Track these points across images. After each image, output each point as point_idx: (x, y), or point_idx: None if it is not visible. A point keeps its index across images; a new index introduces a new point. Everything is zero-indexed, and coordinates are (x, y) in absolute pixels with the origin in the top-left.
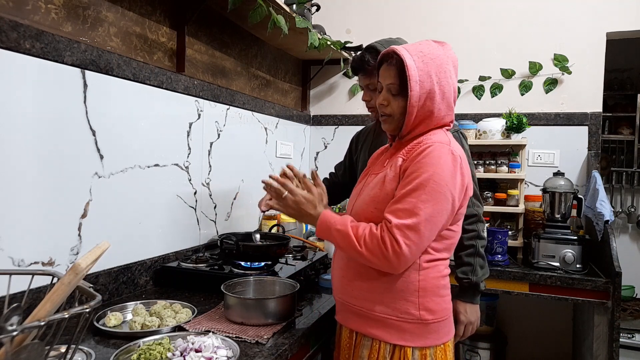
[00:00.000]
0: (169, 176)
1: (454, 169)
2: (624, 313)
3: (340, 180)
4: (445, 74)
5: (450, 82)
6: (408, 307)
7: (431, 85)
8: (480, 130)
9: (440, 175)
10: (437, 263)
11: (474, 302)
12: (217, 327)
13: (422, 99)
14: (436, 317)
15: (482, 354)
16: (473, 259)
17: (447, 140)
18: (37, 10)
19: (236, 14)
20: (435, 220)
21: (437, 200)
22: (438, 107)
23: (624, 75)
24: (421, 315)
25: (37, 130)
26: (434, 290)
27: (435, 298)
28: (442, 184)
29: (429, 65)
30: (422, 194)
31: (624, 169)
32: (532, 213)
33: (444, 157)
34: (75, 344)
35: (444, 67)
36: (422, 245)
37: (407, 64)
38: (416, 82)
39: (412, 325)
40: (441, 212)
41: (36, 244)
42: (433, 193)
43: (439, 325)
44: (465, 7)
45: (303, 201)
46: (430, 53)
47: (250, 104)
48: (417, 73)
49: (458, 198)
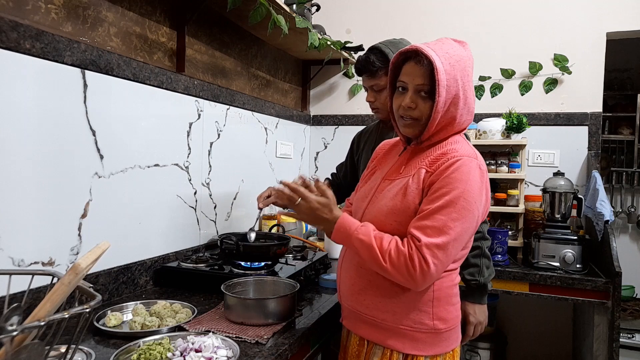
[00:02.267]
0: (169, 176)
1: (481, 185)
2: (624, 313)
3: (342, 181)
4: (468, 78)
5: (472, 86)
6: (422, 318)
7: (457, 90)
8: (480, 130)
9: (470, 193)
10: (450, 272)
11: (482, 303)
12: (217, 327)
13: (447, 104)
14: (448, 326)
15: (482, 354)
16: (479, 260)
17: (473, 153)
18: (37, 10)
19: (236, 14)
20: (462, 239)
21: (465, 219)
22: (461, 112)
23: (624, 75)
24: (435, 325)
25: (37, 130)
26: (447, 299)
27: (448, 307)
28: (471, 201)
29: (455, 68)
30: (453, 212)
31: (624, 169)
32: (532, 213)
33: (473, 173)
34: (75, 344)
35: (467, 71)
36: (447, 264)
37: (437, 68)
38: (444, 87)
39: (425, 335)
40: (468, 230)
41: (36, 244)
42: (463, 211)
43: (450, 333)
44: (466, 7)
45: (318, 206)
46: (456, 55)
47: (250, 104)
48: (445, 77)
49: (483, 214)
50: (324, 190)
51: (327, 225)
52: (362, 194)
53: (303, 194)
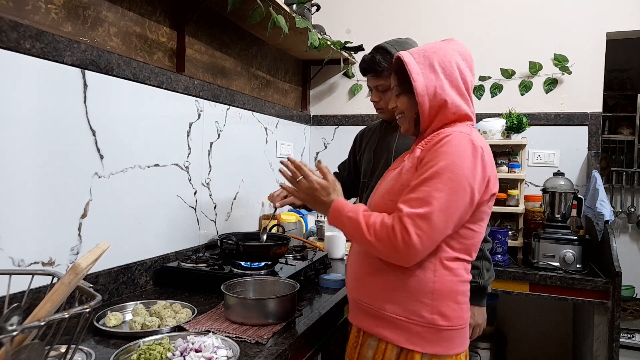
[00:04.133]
0: (169, 176)
1: (474, 159)
2: (624, 313)
3: (346, 179)
4: (450, 64)
5: (457, 72)
6: (420, 309)
7: (436, 75)
8: (480, 130)
9: (458, 164)
10: (456, 265)
11: (481, 305)
12: (217, 327)
13: (429, 88)
14: (450, 324)
15: (482, 354)
16: (480, 262)
17: (468, 130)
18: (37, 10)
19: (236, 14)
20: (450, 212)
21: (453, 191)
22: (450, 95)
23: (624, 75)
24: (433, 319)
25: (37, 130)
26: (451, 295)
27: (451, 303)
28: (459, 173)
29: (431, 57)
30: (438, 183)
31: (624, 169)
32: (532, 213)
33: (463, 146)
34: (75, 344)
35: (448, 58)
36: (434, 237)
37: (405, 60)
38: (418, 73)
39: (423, 329)
40: (457, 203)
41: (36, 244)
42: (449, 183)
43: (453, 334)
44: (466, 8)
45: (317, 187)
46: (432, 47)
47: (250, 104)
48: (418, 66)
49: (478, 191)
50: (326, 173)
51: (323, 207)
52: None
53: (306, 173)
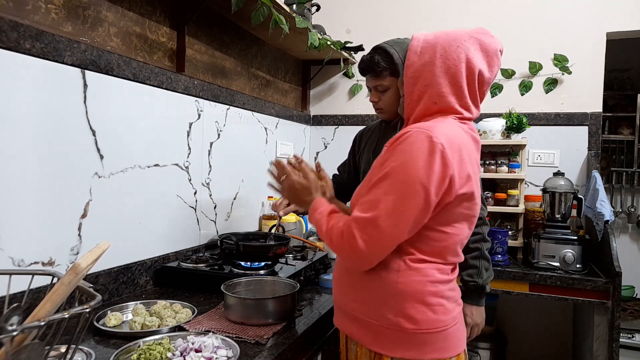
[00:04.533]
0: (169, 176)
1: (430, 157)
2: (624, 313)
3: (346, 180)
4: (456, 52)
5: (461, 61)
6: (385, 311)
7: (432, 57)
8: (480, 130)
9: (410, 164)
10: (424, 266)
11: (480, 304)
12: (217, 327)
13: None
14: (419, 328)
15: (482, 354)
16: (478, 261)
17: (430, 126)
18: (37, 10)
19: (236, 14)
20: (399, 216)
21: (403, 193)
22: (437, 82)
23: (624, 75)
24: (399, 322)
25: (37, 130)
26: (416, 296)
27: (419, 305)
28: (410, 174)
29: (440, 38)
30: (387, 185)
31: (624, 169)
32: (532, 213)
33: (418, 144)
34: (75, 344)
35: (458, 44)
36: (382, 242)
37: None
38: (416, 53)
39: (390, 332)
40: (408, 206)
41: (36, 244)
42: (398, 185)
43: (425, 338)
44: (466, 8)
45: (297, 187)
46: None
47: (250, 104)
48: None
49: (435, 192)
50: (307, 173)
51: (305, 206)
52: None
53: (288, 172)
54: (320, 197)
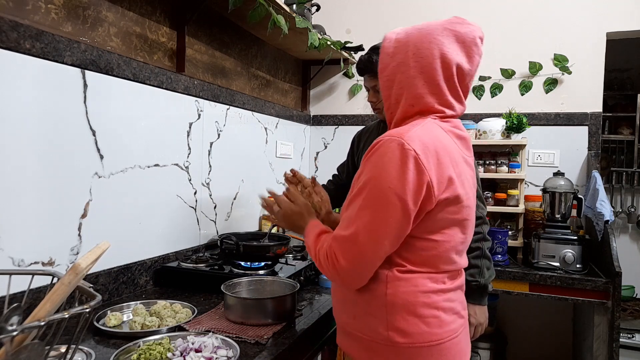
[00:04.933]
0: (169, 176)
1: (403, 166)
2: (624, 313)
3: (345, 181)
4: (429, 48)
5: (435, 58)
6: (376, 325)
7: (405, 57)
8: (480, 130)
9: (382, 176)
10: (414, 276)
11: (482, 304)
12: (217, 327)
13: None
14: (411, 342)
15: (482, 354)
16: (480, 261)
17: (402, 132)
18: (37, 10)
19: (236, 14)
20: (377, 230)
21: (378, 206)
22: (413, 85)
23: (624, 75)
24: (390, 336)
25: (37, 130)
26: (408, 308)
27: (410, 317)
28: (384, 186)
29: (411, 36)
30: (362, 200)
31: (624, 169)
32: (532, 213)
33: (389, 155)
34: (75, 344)
35: (430, 39)
36: (365, 257)
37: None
38: (389, 55)
39: (382, 347)
40: (386, 219)
41: (36, 244)
42: (371, 198)
43: (417, 353)
44: (466, 8)
45: (289, 214)
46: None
47: (250, 104)
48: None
49: (413, 200)
50: (296, 198)
51: (301, 232)
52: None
53: (279, 202)
54: (313, 219)
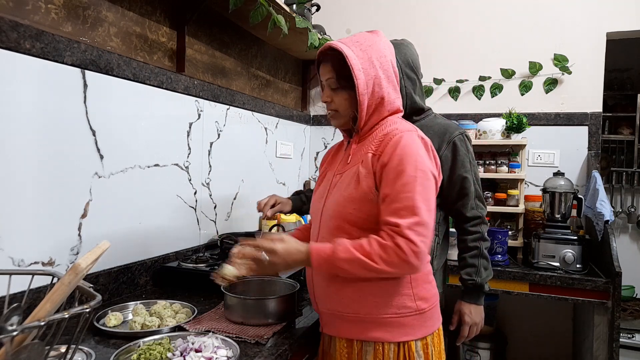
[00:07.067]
0: (169, 176)
1: (428, 152)
2: (624, 313)
3: None
4: (385, 58)
5: (390, 66)
6: (405, 301)
7: (375, 71)
8: (480, 130)
9: (422, 162)
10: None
11: (478, 303)
12: (217, 327)
13: (369, 85)
14: (430, 304)
15: (482, 354)
16: (477, 260)
17: (412, 127)
18: (37, 10)
19: (236, 14)
20: (431, 207)
21: (426, 187)
22: (387, 91)
23: (624, 75)
24: (418, 305)
25: (37, 130)
26: (424, 277)
27: (426, 285)
28: (426, 170)
29: (368, 51)
30: (416, 186)
31: (624, 169)
32: (532, 213)
33: (417, 144)
34: (75, 344)
35: (382, 52)
36: (430, 234)
37: (347, 54)
38: (359, 70)
39: (411, 318)
40: (432, 195)
41: (36, 244)
42: (424, 182)
43: (433, 312)
44: (465, 8)
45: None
46: (367, 41)
47: (250, 104)
48: (359, 61)
49: (438, 175)
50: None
51: (302, 263)
52: (317, 195)
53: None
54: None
